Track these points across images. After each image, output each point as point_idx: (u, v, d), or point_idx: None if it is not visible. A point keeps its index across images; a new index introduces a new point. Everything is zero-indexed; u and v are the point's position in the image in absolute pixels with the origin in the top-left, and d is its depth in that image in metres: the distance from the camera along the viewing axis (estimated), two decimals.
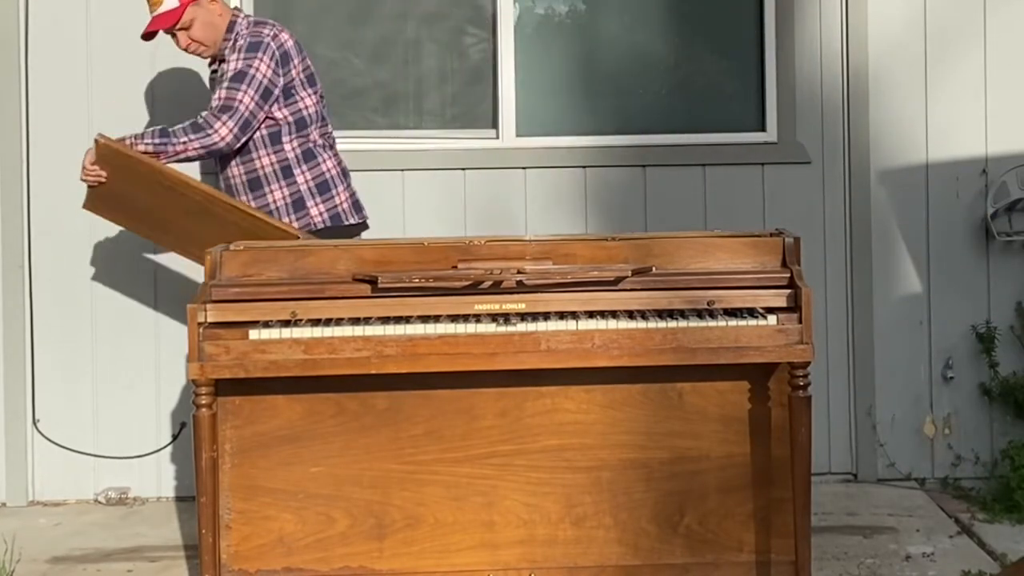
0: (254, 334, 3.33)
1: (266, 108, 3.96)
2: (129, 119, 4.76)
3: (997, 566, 3.91)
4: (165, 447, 4.78)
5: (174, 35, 4.01)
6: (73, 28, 4.76)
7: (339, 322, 3.37)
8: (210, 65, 4.16)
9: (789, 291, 3.44)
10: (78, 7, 4.76)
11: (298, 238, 3.83)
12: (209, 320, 3.37)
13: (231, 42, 4.02)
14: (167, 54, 4.75)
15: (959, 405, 4.85)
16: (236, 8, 4.31)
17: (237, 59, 3.93)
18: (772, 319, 3.37)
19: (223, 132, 3.88)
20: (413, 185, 4.83)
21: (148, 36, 4.04)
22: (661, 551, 3.56)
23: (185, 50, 4.03)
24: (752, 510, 3.55)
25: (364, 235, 4.23)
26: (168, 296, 4.73)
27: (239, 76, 3.91)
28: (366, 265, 3.50)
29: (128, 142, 3.85)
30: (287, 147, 4.05)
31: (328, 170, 4.13)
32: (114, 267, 4.77)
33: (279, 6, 4.88)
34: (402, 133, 4.93)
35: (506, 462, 3.54)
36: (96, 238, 4.76)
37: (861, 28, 4.83)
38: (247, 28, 4.03)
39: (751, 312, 3.40)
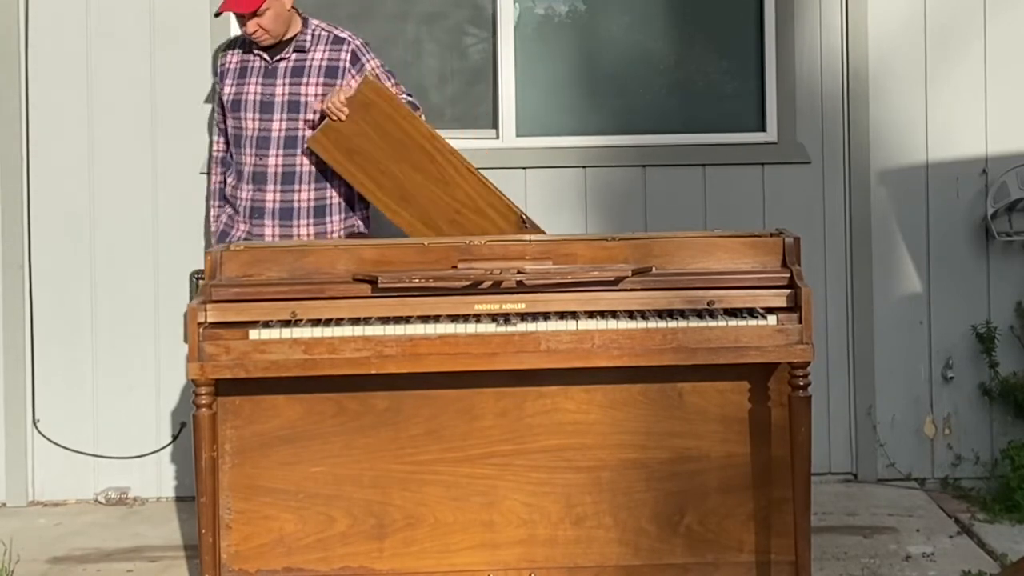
0: (254, 334, 3.34)
1: None
2: (129, 119, 4.76)
3: (997, 566, 3.91)
4: (165, 447, 4.78)
5: (243, 19, 4.08)
6: (73, 28, 4.76)
7: (339, 322, 3.37)
8: (273, 56, 4.17)
9: (789, 291, 3.44)
10: (78, 7, 4.76)
11: (522, 220, 4.05)
12: (209, 320, 3.37)
13: (312, 39, 4.17)
14: (166, 53, 4.76)
15: (959, 405, 4.85)
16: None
17: (372, 58, 4.21)
18: (772, 319, 3.38)
19: None
20: None
21: (220, 14, 4.15)
22: (661, 551, 3.56)
23: (251, 35, 4.10)
24: (752, 510, 3.55)
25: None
26: (168, 296, 4.73)
27: (393, 74, 4.23)
28: (366, 265, 3.50)
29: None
30: None
31: None
32: (114, 267, 4.76)
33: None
34: None
35: (506, 462, 3.54)
36: (96, 238, 4.76)
37: (861, 28, 4.83)
38: (338, 30, 4.20)
39: (751, 312, 3.40)
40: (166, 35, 4.77)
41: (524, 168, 4.84)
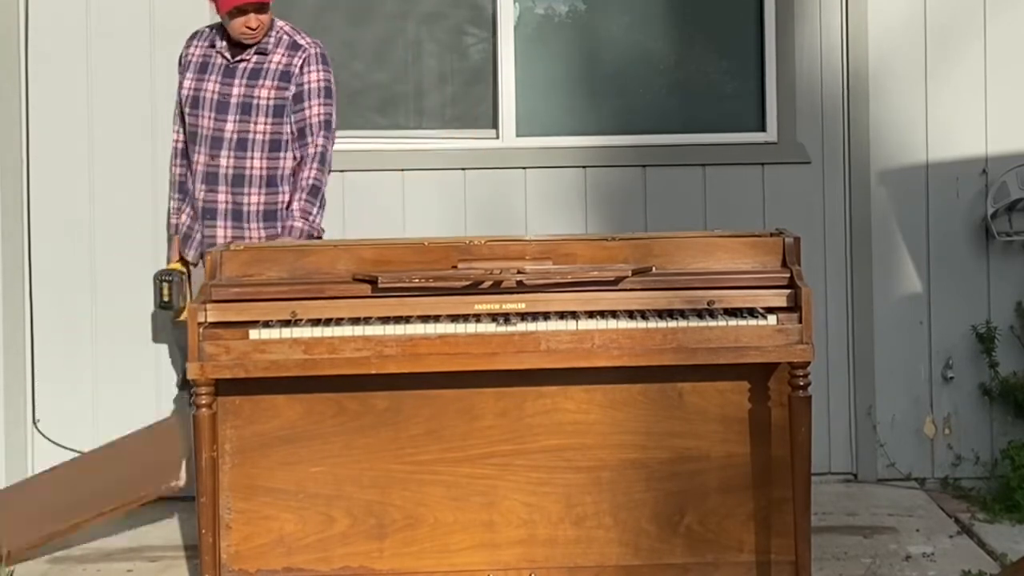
0: (254, 334, 3.34)
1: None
2: (129, 119, 4.76)
3: (997, 566, 3.91)
4: None
5: (245, 12, 4.00)
6: (73, 28, 4.76)
7: (339, 322, 3.37)
8: (234, 56, 4.12)
9: (789, 291, 3.44)
10: (78, 7, 4.76)
11: None
12: (209, 320, 3.37)
13: (274, 42, 4.10)
14: (166, 53, 4.76)
15: (959, 405, 4.85)
16: None
17: (320, 104, 4.09)
18: (772, 319, 3.38)
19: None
20: (413, 185, 4.82)
21: (238, 8, 4.01)
22: (661, 551, 3.56)
23: (251, 30, 4.02)
24: (752, 510, 3.55)
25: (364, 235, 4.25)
26: None
27: (328, 125, 4.11)
28: (366, 265, 3.50)
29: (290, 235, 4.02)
30: (293, 154, 4.14)
31: None
32: (114, 267, 4.76)
33: (279, 6, 4.87)
34: (402, 133, 4.93)
35: (506, 462, 3.54)
36: (96, 238, 4.76)
37: (861, 28, 4.83)
38: (299, 36, 4.13)
39: (751, 312, 3.40)
40: (166, 35, 4.76)
41: (524, 168, 4.84)
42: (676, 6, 4.97)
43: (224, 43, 4.13)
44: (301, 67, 4.09)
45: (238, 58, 4.12)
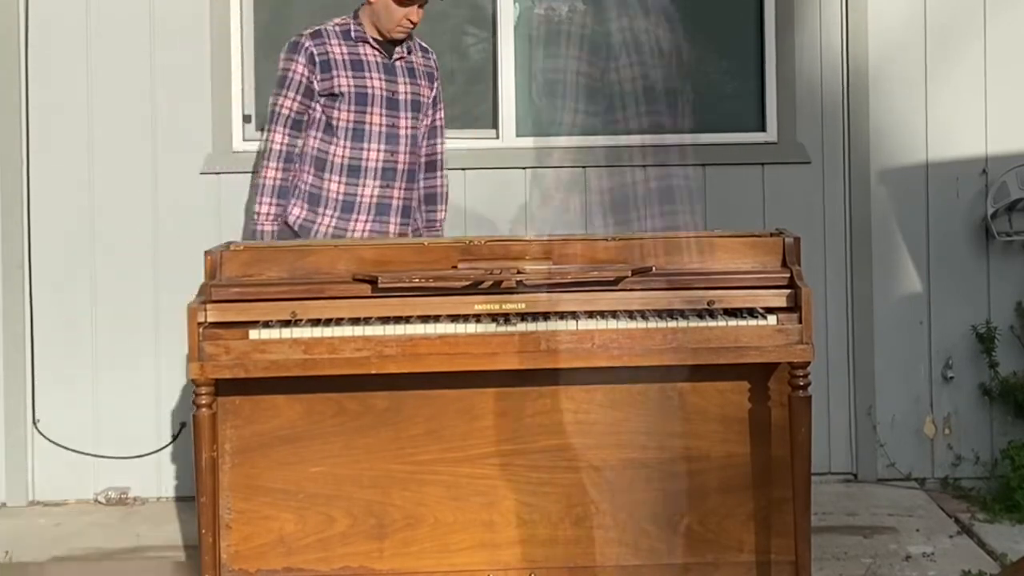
0: (254, 334, 3.33)
1: None
2: (129, 118, 4.76)
3: (997, 566, 3.91)
4: (165, 447, 4.78)
5: (413, 2, 4.05)
6: (73, 28, 4.76)
7: (339, 322, 3.37)
8: (390, 54, 4.14)
9: (789, 291, 3.44)
10: (78, 7, 4.75)
11: None
12: (209, 320, 3.37)
13: (416, 48, 4.23)
14: (166, 53, 4.76)
15: (959, 405, 4.85)
16: None
17: (442, 109, 4.32)
18: (772, 319, 3.38)
19: None
20: None
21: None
22: (661, 551, 3.56)
23: (411, 23, 4.08)
24: (752, 510, 3.55)
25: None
26: (168, 296, 4.73)
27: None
28: (366, 265, 3.50)
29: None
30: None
31: None
32: (114, 267, 4.76)
33: (279, 6, 4.88)
34: None
35: (506, 462, 3.54)
36: (96, 238, 4.76)
37: (861, 28, 4.83)
38: (418, 39, 4.28)
39: (751, 312, 3.40)
40: (166, 35, 4.77)
41: (524, 168, 4.84)
42: (677, 6, 4.96)
43: (374, 41, 4.13)
44: (437, 69, 4.28)
45: (396, 56, 4.16)
